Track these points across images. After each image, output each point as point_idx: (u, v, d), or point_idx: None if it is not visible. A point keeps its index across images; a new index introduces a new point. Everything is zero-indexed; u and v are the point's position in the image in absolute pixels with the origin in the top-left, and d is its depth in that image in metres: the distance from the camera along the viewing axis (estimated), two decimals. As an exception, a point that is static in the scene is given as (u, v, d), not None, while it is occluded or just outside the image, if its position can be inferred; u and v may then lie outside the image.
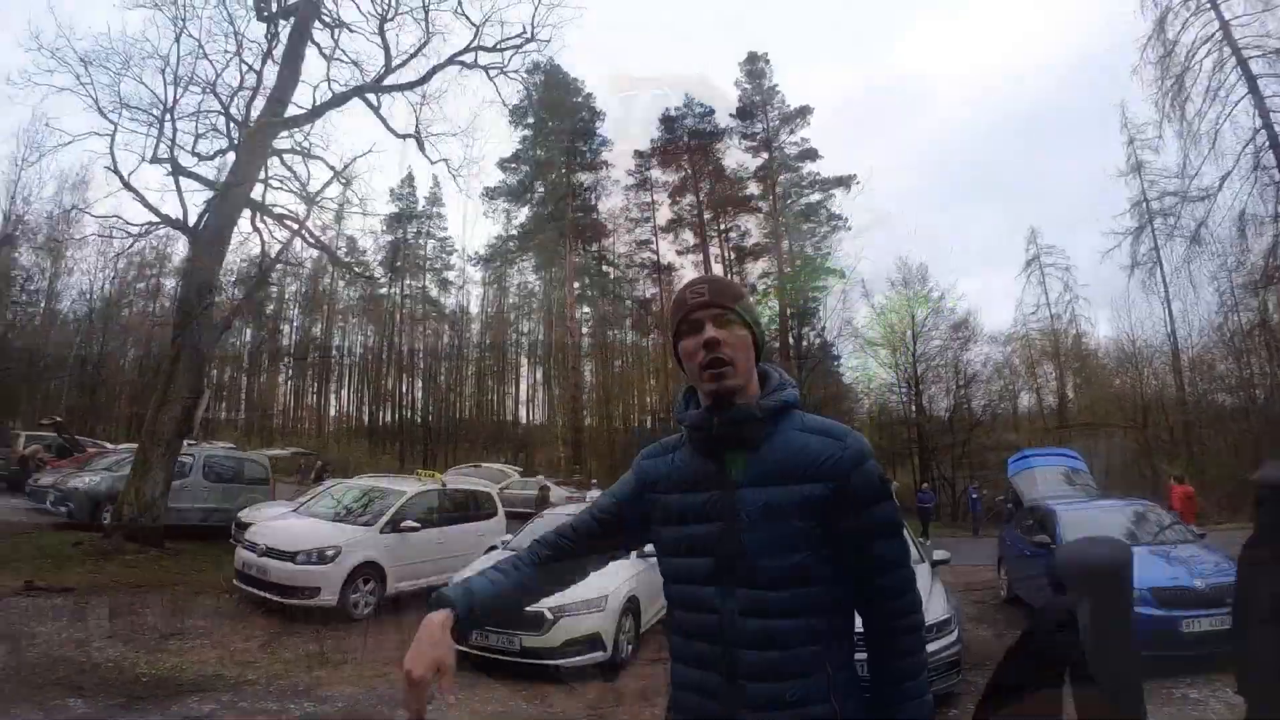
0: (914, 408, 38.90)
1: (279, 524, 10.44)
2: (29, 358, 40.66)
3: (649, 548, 6.19)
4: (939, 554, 8.31)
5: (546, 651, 7.03)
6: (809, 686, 1.50)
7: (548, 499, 21.65)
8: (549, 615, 7.03)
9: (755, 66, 50.33)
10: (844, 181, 47.24)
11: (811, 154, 48.43)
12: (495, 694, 6.59)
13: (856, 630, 1.61)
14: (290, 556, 9.11)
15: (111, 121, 14.47)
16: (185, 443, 13.96)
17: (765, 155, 49.54)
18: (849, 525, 1.53)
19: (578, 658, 7.11)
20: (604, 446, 47.70)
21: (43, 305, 42.83)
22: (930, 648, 6.03)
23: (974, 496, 28.32)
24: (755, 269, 50.03)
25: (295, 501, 13.19)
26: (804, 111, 49.01)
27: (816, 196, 47.98)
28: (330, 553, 9.15)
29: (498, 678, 6.97)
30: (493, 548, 10.26)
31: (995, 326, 51.89)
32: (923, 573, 7.49)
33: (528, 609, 6.06)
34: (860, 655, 1.61)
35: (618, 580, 7.73)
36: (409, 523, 10.16)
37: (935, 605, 6.56)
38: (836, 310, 44.29)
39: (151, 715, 5.38)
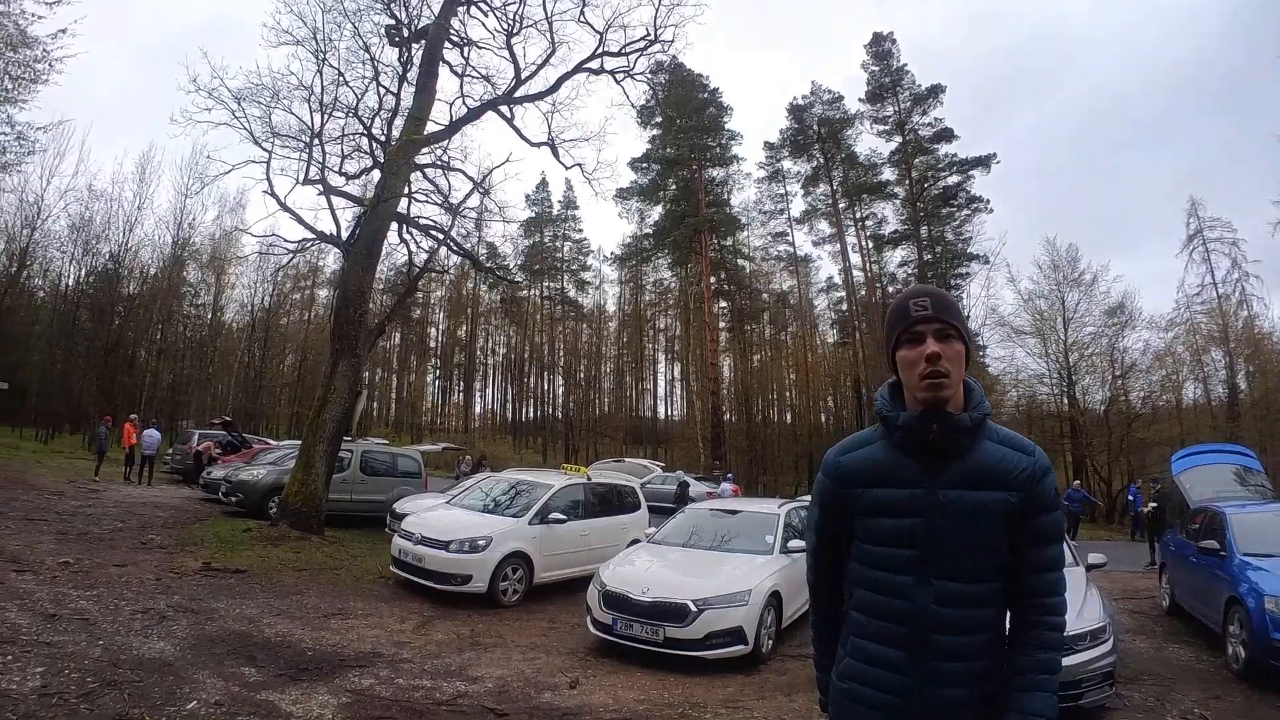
0: (1066, 400, 36.06)
1: (433, 515, 10.89)
2: (199, 364, 45.28)
3: (793, 543, 6.28)
4: (1094, 558, 7.85)
5: (690, 643, 7.06)
6: (986, 668, 1.74)
7: (687, 495, 21.68)
8: (693, 608, 7.05)
9: (881, 47, 48.91)
10: (983, 162, 45.13)
11: (947, 134, 46.52)
12: (638, 682, 6.66)
13: None
14: (444, 545, 9.53)
15: (265, 150, 15.41)
16: (344, 438, 14.81)
17: (898, 139, 47.85)
18: (1023, 528, 1.75)
19: (720, 650, 7.10)
20: (743, 441, 47.36)
21: (209, 317, 46.71)
22: (1082, 657, 5.81)
23: (1131, 497, 26.10)
24: (894, 257, 48.80)
25: (448, 494, 13.74)
26: (936, 91, 47.23)
27: (954, 179, 45.91)
28: (482, 542, 9.49)
29: (642, 666, 7.07)
30: (635, 541, 10.34)
31: (1155, 310, 48.06)
32: (1076, 576, 7.09)
33: (674, 600, 6.17)
34: None
35: (761, 576, 7.71)
36: (556, 515, 10.37)
37: (1089, 611, 6.24)
38: (980, 298, 42.13)
39: (317, 685, 5.73)
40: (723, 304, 53.58)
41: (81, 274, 40.42)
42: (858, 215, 49.50)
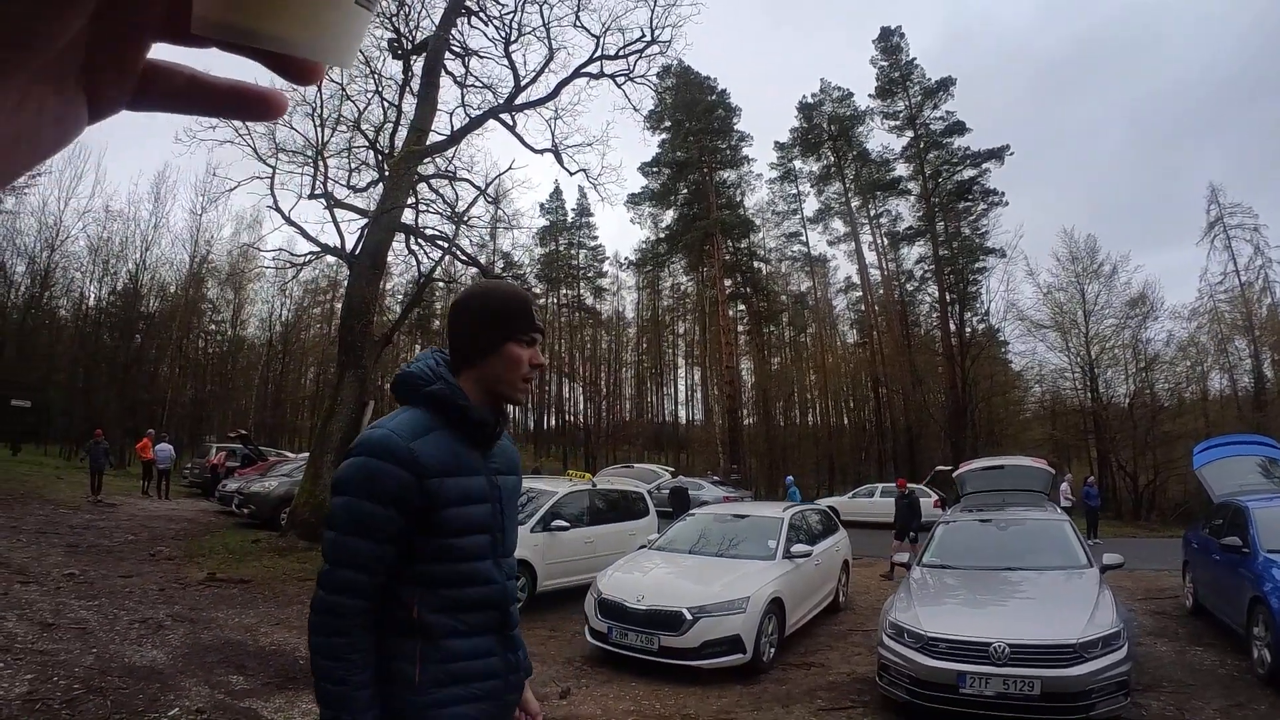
0: (1090, 394, 35.02)
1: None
2: (220, 379, 45.97)
3: (796, 547, 6.14)
4: (1110, 558, 7.33)
5: (685, 651, 6.93)
6: None
7: (685, 500, 19.88)
8: (688, 615, 6.95)
9: (890, 42, 48.25)
10: (996, 154, 44.06)
11: (959, 128, 45.57)
12: (632, 692, 6.56)
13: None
14: (441, 553, 9.42)
15: (270, 166, 15.65)
16: (354, 448, 14.78)
17: (910, 134, 47.20)
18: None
19: (716, 659, 6.95)
20: (762, 444, 47.06)
21: (229, 332, 47.38)
22: (1093, 666, 5.52)
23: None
24: (910, 254, 48.07)
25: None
26: (946, 84, 46.34)
27: (969, 172, 44.90)
28: (482, 550, 9.36)
29: (637, 676, 6.97)
30: (643, 547, 10.26)
31: (1178, 300, 47.08)
32: (1088, 579, 6.85)
33: (669, 608, 6.02)
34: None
35: (761, 581, 7.57)
36: (559, 522, 10.23)
37: (1101, 616, 5.90)
38: (999, 293, 41.38)
39: (302, 694, 5.65)
40: (740, 307, 53.35)
41: (102, 293, 40.83)
42: (872, 213, 49.02)
